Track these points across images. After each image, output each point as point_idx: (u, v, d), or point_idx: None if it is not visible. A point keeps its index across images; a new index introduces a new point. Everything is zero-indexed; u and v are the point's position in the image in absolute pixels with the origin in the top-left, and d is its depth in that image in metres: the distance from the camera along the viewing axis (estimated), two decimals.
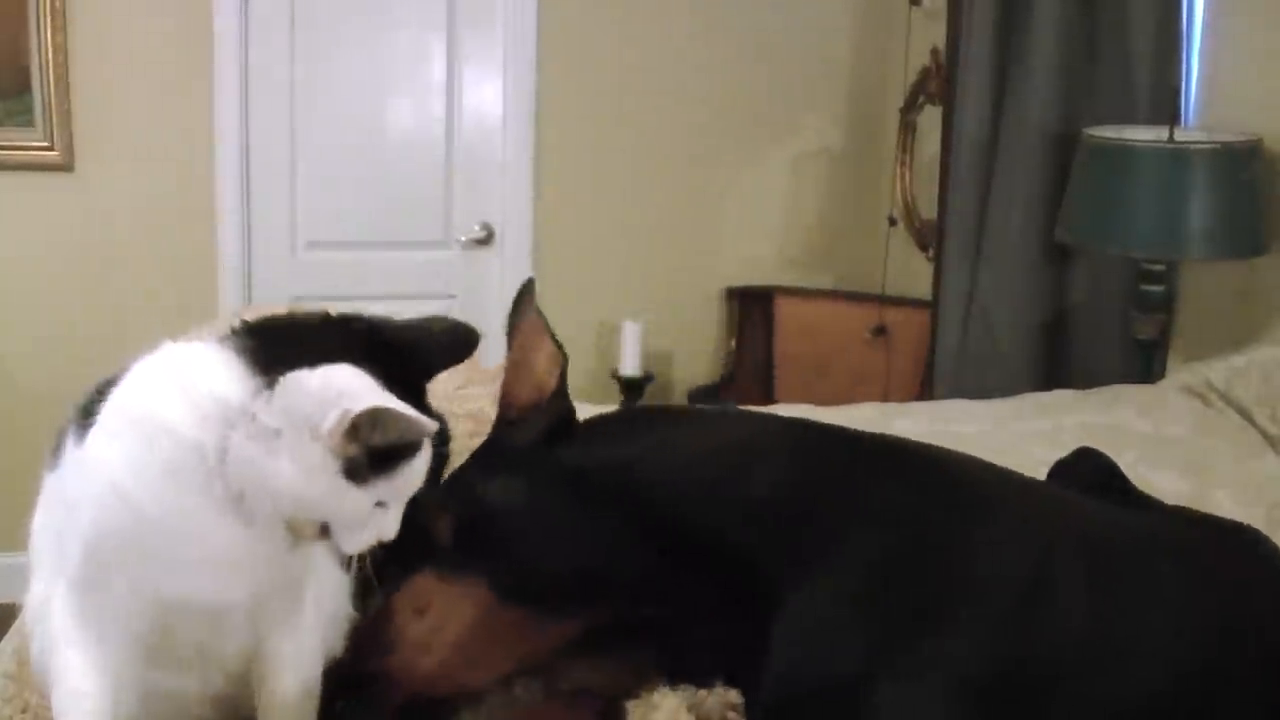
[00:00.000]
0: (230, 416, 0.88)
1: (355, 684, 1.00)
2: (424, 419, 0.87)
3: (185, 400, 0.89)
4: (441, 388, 1.72)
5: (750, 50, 3.44)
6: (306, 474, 0.87)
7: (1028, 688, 0.97)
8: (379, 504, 0.91)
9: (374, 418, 0.86)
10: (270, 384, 0.88)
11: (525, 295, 1.10)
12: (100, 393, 0.95)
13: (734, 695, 1.10)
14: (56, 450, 0.97)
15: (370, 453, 0.87)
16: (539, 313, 1.08)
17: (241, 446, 0.87)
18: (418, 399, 0.95)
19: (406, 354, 0.96)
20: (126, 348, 1.05)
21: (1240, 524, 1.27)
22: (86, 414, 0.93)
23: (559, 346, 1.07)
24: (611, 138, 3.45)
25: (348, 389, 0.87)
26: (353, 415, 0.85)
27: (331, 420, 0.85)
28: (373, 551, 0.94)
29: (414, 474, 0.92)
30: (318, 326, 0.96)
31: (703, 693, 1.12)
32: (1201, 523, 1.28)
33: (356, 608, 1.18)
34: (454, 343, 1.02)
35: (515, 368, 1.08)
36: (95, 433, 0.91)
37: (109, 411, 0.91)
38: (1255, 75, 2.43)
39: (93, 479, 0.91)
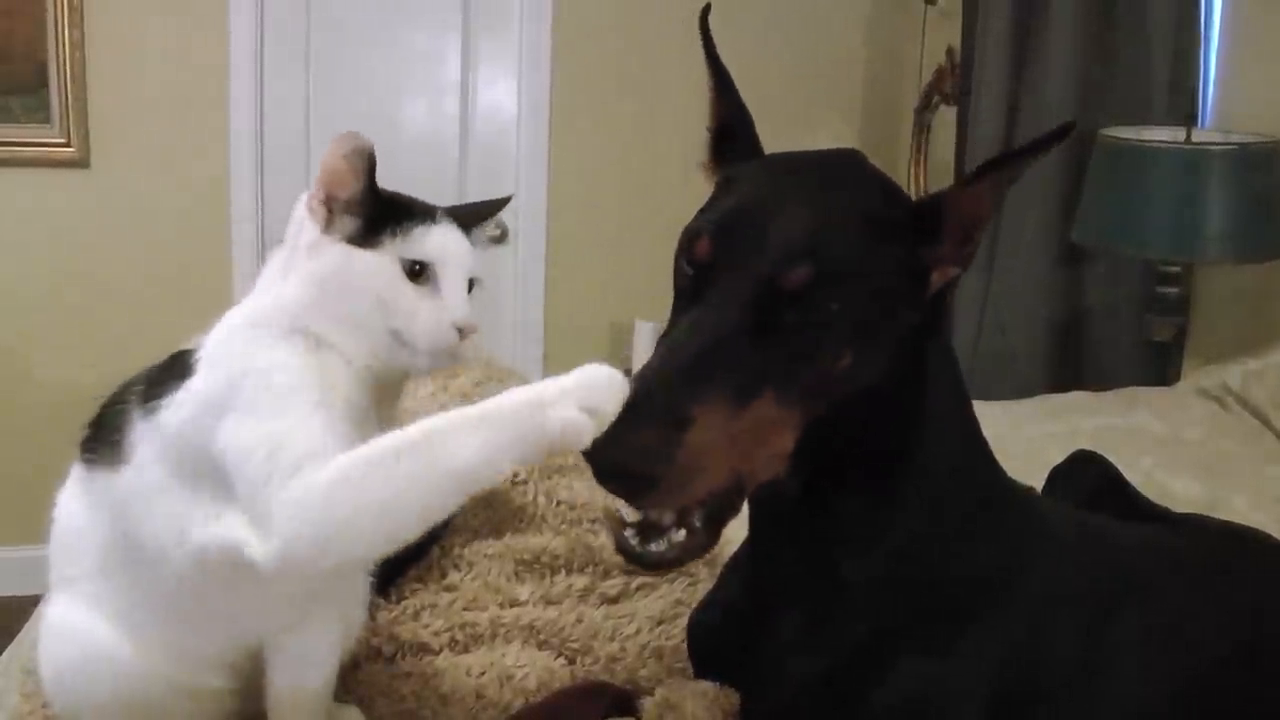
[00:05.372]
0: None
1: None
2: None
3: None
4: (459, 384, 1.73)
5: (765, 49, 3.43)
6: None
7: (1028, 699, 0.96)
8: (422, 281, 0.93)
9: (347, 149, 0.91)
10: None
11: (706, 30, 1.12)
12: (119, 397, 0.95)
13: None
14: (94, 455, 0.97)
15: (368, 209, 0.93)
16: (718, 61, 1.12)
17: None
18: None
19: None
20: (141, 343, 1.05)
21: (1257, 532, 1.26)
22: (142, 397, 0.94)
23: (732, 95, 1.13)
24: (626, 137, 3.44)
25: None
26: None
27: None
28: None
29: (435, 235, 0.95)
30: None
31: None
32: (1214, 533, 1.26)
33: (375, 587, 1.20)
34: None
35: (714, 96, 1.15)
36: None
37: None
38: (1274, 76, 2.42)
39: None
